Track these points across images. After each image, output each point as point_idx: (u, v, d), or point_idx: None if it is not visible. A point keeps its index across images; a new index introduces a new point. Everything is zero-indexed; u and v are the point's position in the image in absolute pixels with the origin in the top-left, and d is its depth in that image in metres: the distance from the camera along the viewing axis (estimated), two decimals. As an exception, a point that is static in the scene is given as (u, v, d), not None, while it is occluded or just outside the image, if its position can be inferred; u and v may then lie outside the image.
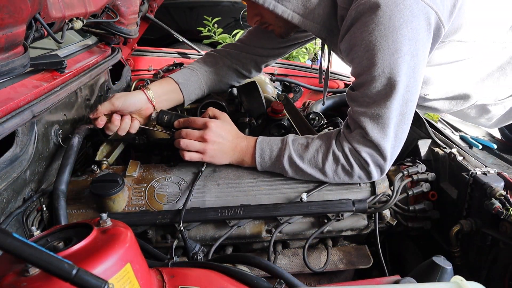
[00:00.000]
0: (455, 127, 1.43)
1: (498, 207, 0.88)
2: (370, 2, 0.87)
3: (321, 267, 0.99)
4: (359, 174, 0.98)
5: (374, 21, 0.86)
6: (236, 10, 4.02)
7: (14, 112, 0.83)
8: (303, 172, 1.01)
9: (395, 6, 0.85)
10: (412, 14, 0.85)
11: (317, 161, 0.99)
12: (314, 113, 1.49)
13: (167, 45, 3.03)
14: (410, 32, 0.86)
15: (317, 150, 1.00)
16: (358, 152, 0.96)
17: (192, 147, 1.02)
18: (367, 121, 0.93)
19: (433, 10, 0.88)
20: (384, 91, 0.91)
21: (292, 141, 1.02)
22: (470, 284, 0.60)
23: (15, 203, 0.88)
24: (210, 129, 1.02)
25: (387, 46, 0.87)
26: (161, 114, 1.10)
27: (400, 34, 0.86)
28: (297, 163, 1.00)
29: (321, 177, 1.01)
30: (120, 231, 0.54)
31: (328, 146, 0.99)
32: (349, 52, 0.95)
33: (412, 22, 0.86)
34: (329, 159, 0.98)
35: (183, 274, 0.63)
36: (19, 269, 0.46)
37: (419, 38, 0.88)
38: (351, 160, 0.97)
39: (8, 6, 0.75)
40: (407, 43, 0.87)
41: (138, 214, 0.98)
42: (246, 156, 1.05)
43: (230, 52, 1.37)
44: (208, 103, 1.30)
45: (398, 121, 0.93)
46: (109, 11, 1.54)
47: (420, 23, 0.87)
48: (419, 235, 1.17)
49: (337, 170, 0.99)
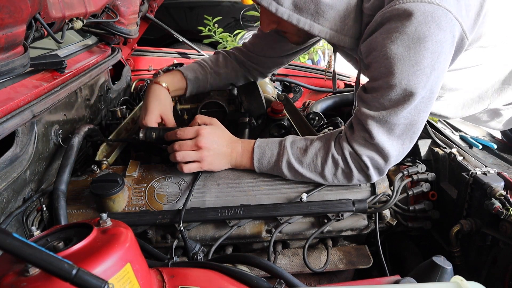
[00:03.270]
0: (455, 127, 1.43)
1: (498, 207, 0.88)
2: (401, 9, 0.83)
3: (321, 267, 0.99)
4: (358, 177, 0.98)
5: (398, 30, 0.84)
6: (236, 10, 4.02)
7: (14, 112, 0.83)
8: (302, 176, 1.01)
9: (424, 17, 0.81)
10: (439, 27, 0.82)
11: (316, 165, 0.99)
12: (314, 113, 1.49)
13: (167, 45, 3.04)
14: (434, 46, 0.84)
15: (315, 154, 0.99)
16: (358, 156, 0.95)
17: (189, 158, 1.00)
18: (374, 124, 0.92)
19: (458, 22, 0.85)
20: (397, 100, 0.89)
21: (291, 145, 1.01)
22: (470, 284, 0.60)
23: (15, 203, 0.88)
24: (203, 136, 1.00)
25: (408, 57, 0.84)
26: (148, 132, 1.09)
27: (424, 47, 0.83)
28: (295, 168, 0.99)
29: (321, 181, 1.01)
30: (120, 231, 0.54)
31: (327, 149, 0.98)
32: (368, 55, 0.93)
33: (438, 35, 0.83)
34: (328, 163, 0.98)
35: (183, 274, 0.63)
36: (19, 269, 0.46)
37: (442, 52, 0.85)
38: (350, 164, 0.96)
39: (8, 6, 0.76)
40: (429, 56, 0.84)
41: (138, 214, 0.98)
42: (244, 160, 1.04)
43: (238, 57, 1.41)
44: (208, 103, 1.30)
45: (407, 129, 0.92)
46: (109, 11, 1.54)
47: (446, 36, 0.84)
48: (419, 235, 1.17)
49: (336, 174, 0.99)
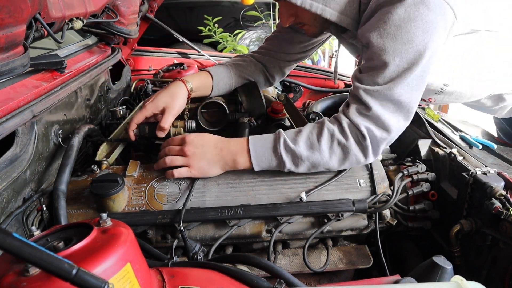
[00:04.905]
0: (455, 127, 1.43)
1: (498, 207, 0.88)
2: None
3: (321, 267, 0.99)
4: (355, 150, 0.97)
5: (390, 11, 0.91)
6: (236, 10, 4.02)
7: (14, 112, 0.83)
8: (300, 158, 0.98)
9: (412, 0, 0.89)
10: (429, 8, 0.90)
11: (312, 141, 0.98)
12: (314, 113, 1.49)
13: (167, 45, 3.03)
14: (425, 25, 0.90)
15: (311, 132, 1.00)
16: (356, 126, 0.96)
17: (178, 162, 1.02)
18: (368, 97, 0.96)
19: (449, 6, 0.92)
20: (391, 77, 0.94)
21: (284, 132, 1.03)
22: (470, 284, 0.60)
23: (15, 203, 0.88)
24: (187, 143, 1.02)
25: (400, 36, 0.91)
26: (142, 128, 1.13)
27: (414, 26, 0.90)
28: (293, 148, 0.98)
29: (318, 158, 0.98)
30: (120, 231, 0.54)
31: (321, 125, 1.00)
32: (364, 39, 0.99)
33: (428, 15, 0.90)
34: (324, 135, 0.98)
35: (183, 274, 0.63)
36: (19, 269, 0.46)
37: (435, 32, 0.92)
38: (347, 133, 0.97)
39: (8, 6, 0.75)
40: (420, 34, 0.90)
41: (138, 214, 0.98)
42: (238, 155, 1.01)
43: (256, 56, 1.43)
44: (208, 103, 1.30)
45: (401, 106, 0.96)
46: (109, 11, 1.54)
47: (436, 17, 0.91)
48: (419, 235, 1.17)
49: (332, 146, 0.98)
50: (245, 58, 1.42)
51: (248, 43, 3.96)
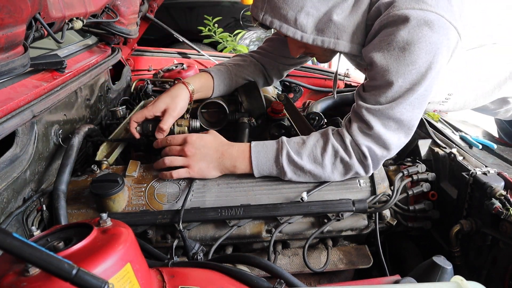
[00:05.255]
0: (455, 127, 1.43)
1: (498, 207, 0.88)
2: (396, 16, 0.90)
3: (321, 267, 0.99)
4: (357, 167, 0.99)
5: (394, 33, 0.90)
6: (236, 10, 4.01)
7: (14, 112, 0.83)
8: (302, 170, 1.00)
9: (417, 21, 0.87)
10: (432, 30, 0.88)
11: (316, 155, 0.99)
12: (314, 113, 1.49)
13: (167, 45, 3.03)
14: (428, 46, 0.89)
15: (314, 145, 1.00)
16: (358, 145, 0.97)
17: (177, 163, 1.02)
18: (370, 116, 0.96)
19: (452, 26, 0.91)
20: (393, 97, 0.94)
21: (287, 141, 1.03)
22: (470, 284, 0.60)
23: (15, 203, 0.88)
24: (189, 143, 1.02)
25: (403, 57, 0.90)
26: (145, 125, 1.13)
27: (418, 48, 0.88)
28: (295, 160, 0.99)
29: (320, 172, 1.00)
30: (120, 231, 0.54)
31: (325, 139, 1.00)
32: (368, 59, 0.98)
33: (431, 37, 0.88)
34: (328, 151, 0.98)
35: (183, 274, 0.63)
36: (19, 269, 0.46)
37: (438, 52, 0.90)
38: (351, 152, 0.98)
39: (8, 6, 0.75)
40: (424, 56, 0.89)
41: (138, 214, 0.98)
42: (239, 161, 1.02)
43: (256, 56, 1.42)
44: (208, 103, 1.30)
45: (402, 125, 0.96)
46: (109, 11, 1.54)
47: (440, 38, 0.89)
48: (419, 235, 1.17)
49: (335, 163, 0.99)
50: (245, 58, 1.42)
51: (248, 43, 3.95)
